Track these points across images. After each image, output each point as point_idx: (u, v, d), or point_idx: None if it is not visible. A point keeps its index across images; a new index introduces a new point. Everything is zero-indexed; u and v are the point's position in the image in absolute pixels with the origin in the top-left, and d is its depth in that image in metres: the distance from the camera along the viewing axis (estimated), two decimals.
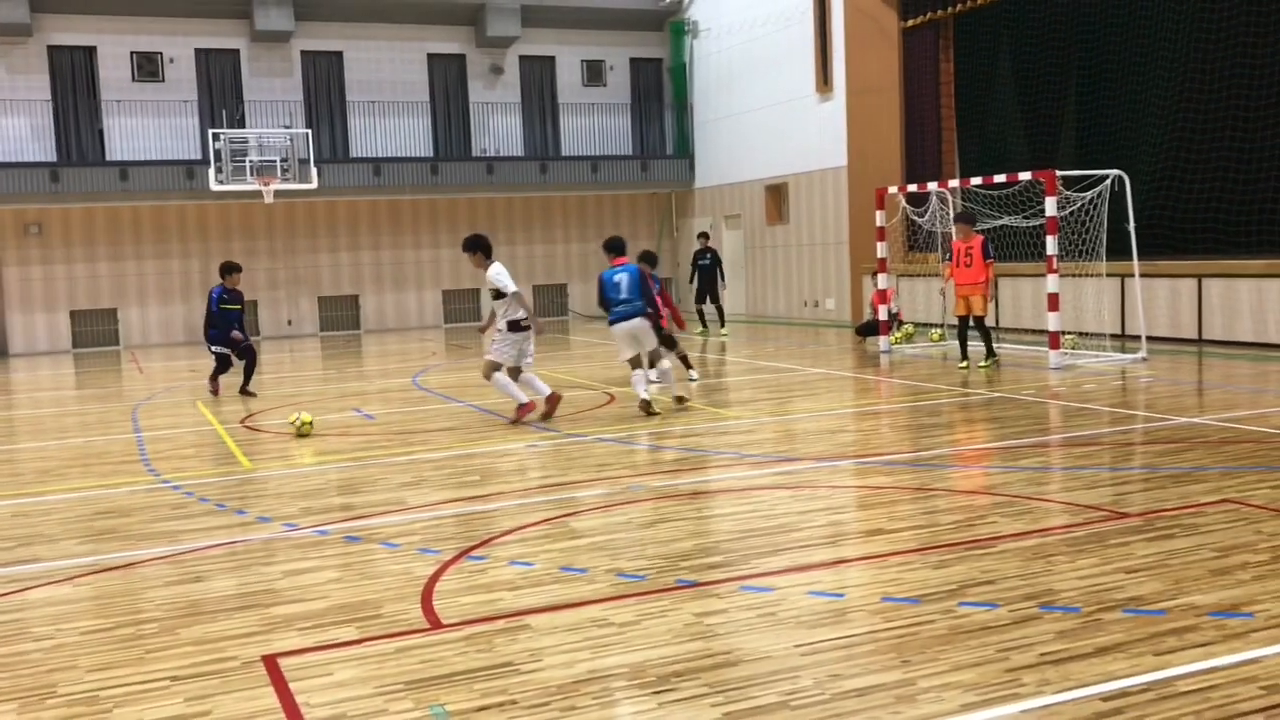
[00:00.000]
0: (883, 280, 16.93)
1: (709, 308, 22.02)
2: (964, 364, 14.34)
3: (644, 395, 11.43)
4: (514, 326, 11.24)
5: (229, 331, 14.71)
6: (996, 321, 17.16)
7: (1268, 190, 15.65)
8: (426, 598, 5.58)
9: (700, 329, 21.60)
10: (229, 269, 14.90)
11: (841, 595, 5.37)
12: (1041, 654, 4.46)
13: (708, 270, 21.78)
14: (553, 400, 11.48)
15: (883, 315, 16.78)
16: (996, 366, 14.10)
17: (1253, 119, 15.81)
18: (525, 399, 11.32)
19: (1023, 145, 19.66)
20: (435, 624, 5.18)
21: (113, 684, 4.59)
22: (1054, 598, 5.15)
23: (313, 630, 5.17)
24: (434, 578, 5.91)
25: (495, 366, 11.29)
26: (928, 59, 21.84)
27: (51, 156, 24.47)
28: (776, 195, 25.14)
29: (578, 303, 29.18)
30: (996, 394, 11.98)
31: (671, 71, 28.76)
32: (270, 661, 4.76)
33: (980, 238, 14.32)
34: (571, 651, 4.72)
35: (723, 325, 21.66)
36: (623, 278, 11.66)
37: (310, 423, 11.18)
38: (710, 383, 14.40)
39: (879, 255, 17.04)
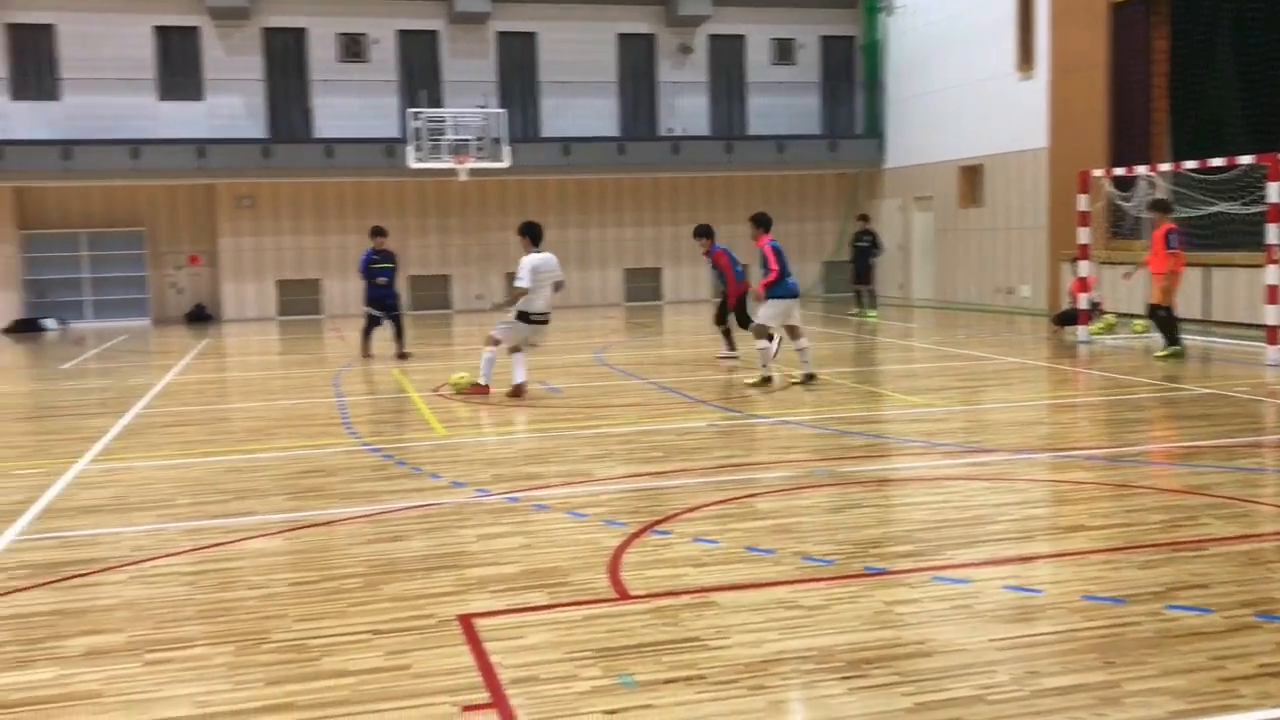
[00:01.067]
0: (1084, 267, 16.20)
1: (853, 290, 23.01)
2: (1173, 349, 13.91)
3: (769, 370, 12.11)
4: (523, 317, 11.69)
5: (377, 291, 16.05)
6: (1207, 314, 16.23)
7: None
8: (613, 568, 5.65)
9: (855, 309, 22.47)
10: (376, 232, 16.34)
11: (1040, 591, 5.17)
12: (1261, 665, 4.19)
13: (865, 253, 22.30)
14: (518, 390, 11.78)
15: (1083, 304, 16.07)
16: (1177, 359, 13.54)
17: None
18: (487, 382, 11.91)
19: (1242, 127, 18.43)
20: (622, 594, 5.25)
21: (319, 634, 4.83)
22: (1274, 606, 4.83)
23: (505, 593, 5.31)
24: (620, 549, 5.98)
25: (496, 341, 11.91)
26: (1138, 36, 20.70)
27: (264, 133, 25.83)
28: (971, 177, 24.36)
29: (758, 284, 29.01)
30: (1206, 390, 11.30)
31: (864, 49, 28.19)
32: (465, 621, 4.91)
33: (1166, 226, 13.88)
34: (758, 631, 4.69)
35: (873, 307, 22.13)
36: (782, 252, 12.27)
37: (467, 379, 12.21)
38: (897, 369, 14.09)
39: (1080, 241, 16.30)
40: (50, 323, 24.96)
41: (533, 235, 11.72)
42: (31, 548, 6.39)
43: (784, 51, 28.44)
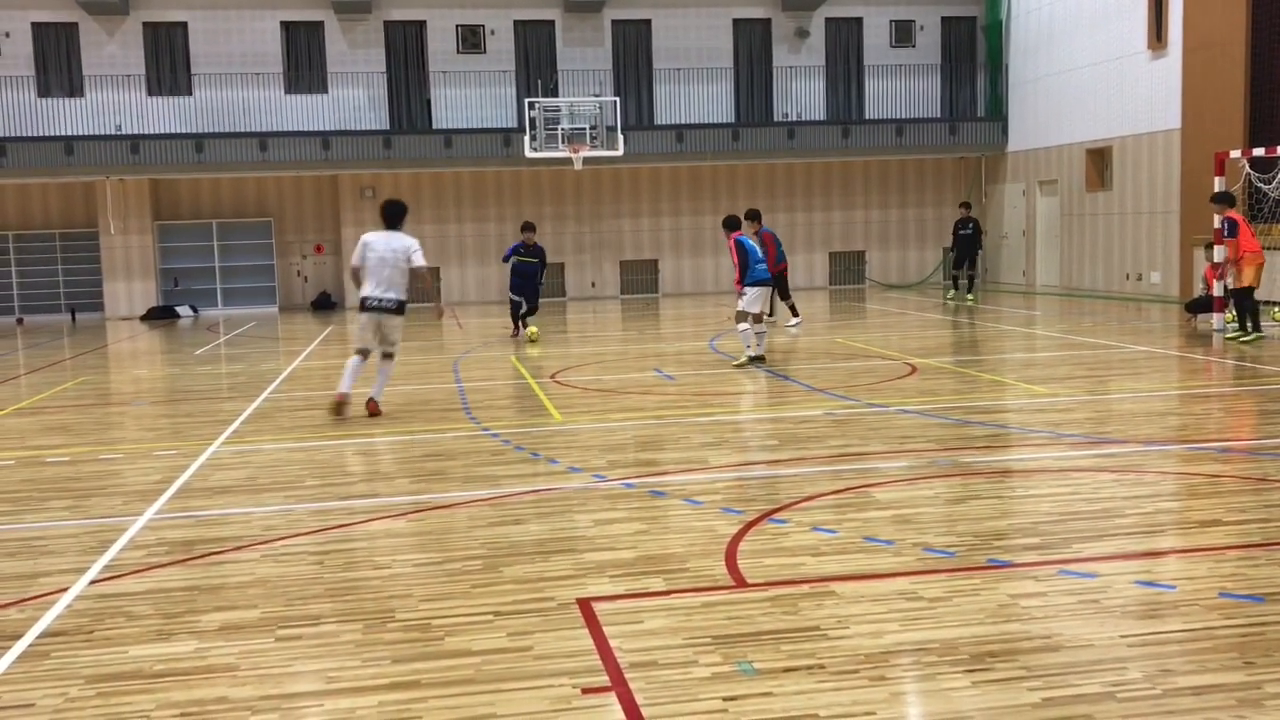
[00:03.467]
0: (1218, 253, 15.54)
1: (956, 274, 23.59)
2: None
3: (761, 350, 13.10)
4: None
5: (519, 282, 17.49)
6: None
7: None
8: (730, 556, 5.64)
9: (952, 293, 23.04)
10: (525, 227, 17.83)
11: (1173, 587, 4.99)
12: None
13: (970, 239, 22.75)
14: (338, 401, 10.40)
15: (1217, 291, 15.43)
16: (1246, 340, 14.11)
17: None
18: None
19: None
20: (740, 582, 5.23)
21: (443, 614, 4.93)
22: None
23: (623, 578, 5.34)
24: (737, 537, 5.96)
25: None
26: None
27: (385, 125, 26.39)
28: (1098, 159, 23.58)
29: (875, 270, 28.61)
30: None
31: (986, 30, 27.49)
32: (585, 605, 4.96)
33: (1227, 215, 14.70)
34: (879, 622, 4.64)
35: (970, 291, 22.66)
36: (756, 244, 13.47)
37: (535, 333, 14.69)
38: (1020, 357, 13.76)
39: (1215, 225, 15.64)
40: (184, 310, 25.99)
41: (384, 215, 10.51)
42: (169, 526, 6.67)
43: (903, 34, 27.90)
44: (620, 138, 24.68)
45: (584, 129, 24.59)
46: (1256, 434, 8.56)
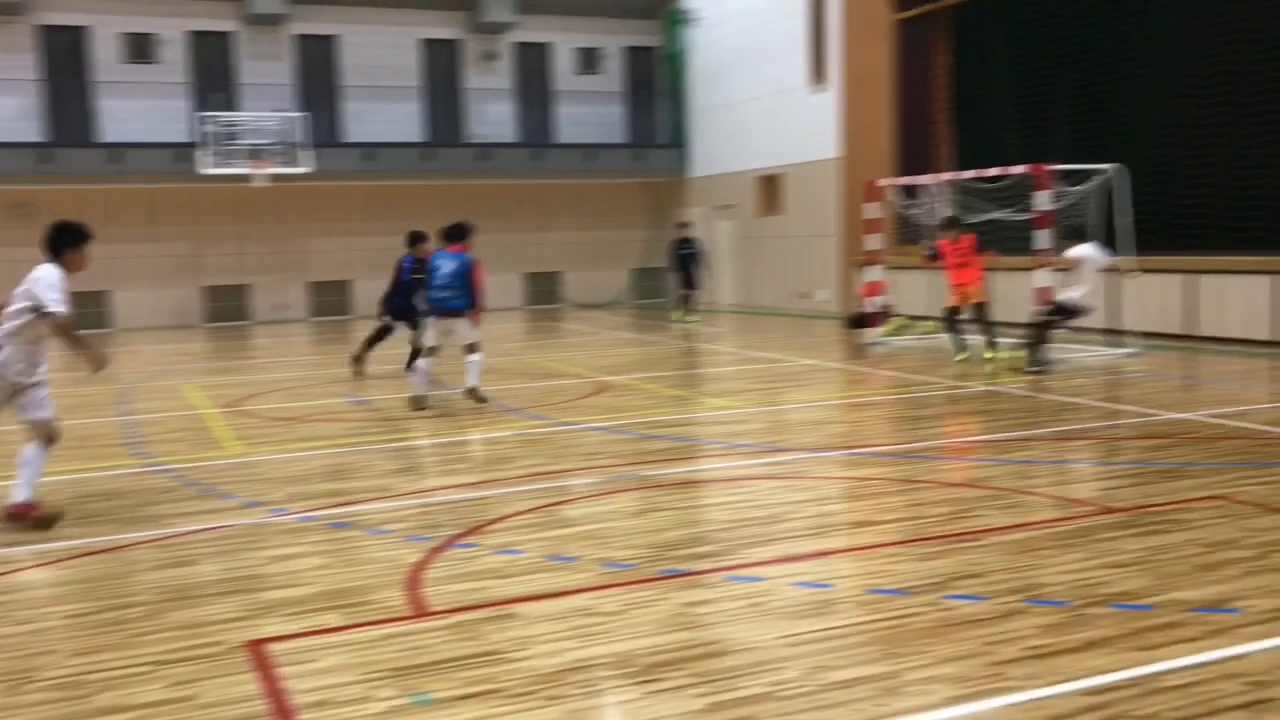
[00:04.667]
0: (874, 273, 16.91)
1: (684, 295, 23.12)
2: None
3: (423, 390, 11.27)
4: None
5: (407, 302, 14.23)
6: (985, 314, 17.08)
7: (1264, 187, 15.67)
8: (413, 585, 5.56)
9: (683, 315, 22.43)
10: (416, 238, 14.52)
11: (829, 586, 5.37)
12: (1027, 648, 4.46)
13: (691, 259, 22.62)
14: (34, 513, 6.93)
15: (871, 308, 16.77)
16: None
17: (1250, 114, 15.83)
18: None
19: (1017, 138, 19.64)
20: (422, 611, 5.17)
21: (96, 669, 4.57)
22: (1041, 592, 5.15)
23: (299, 616, 5.15)
24: (422, 565, 5.89)
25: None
26: (922, 51, 21.81)
27: (42, 137, 24.32)
28: (770, 186, 25.11)
29: (572, 290, 29.13)
30: (986, 388, 11.99)
31: (665, 60, 28.68)
32: (255, 647, 4.74)
33: (972, 236, 14.62)
34: (558, 640, 4.71)
35: (694, 312, 22.37)
36: (446, 264, 11.45)
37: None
38: (701, 373, 14.39)
39: (869, 247, 17.02)
40: None
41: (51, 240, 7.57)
42: None
43: (589, 61, 28.65)
44: (306, 155, 23.91)
45: (266, 145, 23.66)
46: (906, 439, 9.35)
